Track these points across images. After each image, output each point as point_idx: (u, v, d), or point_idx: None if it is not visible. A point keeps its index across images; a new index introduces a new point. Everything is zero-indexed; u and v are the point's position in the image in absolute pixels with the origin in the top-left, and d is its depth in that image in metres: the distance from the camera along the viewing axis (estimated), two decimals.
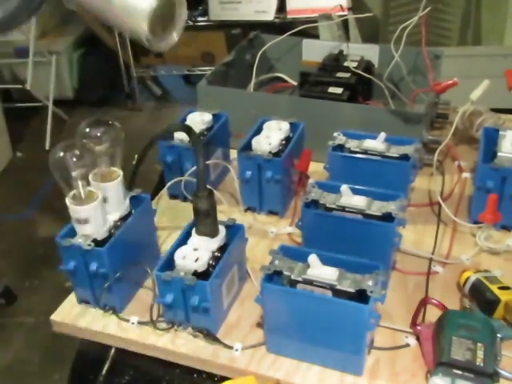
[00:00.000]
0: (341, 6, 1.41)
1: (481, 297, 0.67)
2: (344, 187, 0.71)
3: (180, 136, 0.86)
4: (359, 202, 0.70)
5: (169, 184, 0.88)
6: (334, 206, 0.70)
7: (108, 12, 0.48)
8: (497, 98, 0.99)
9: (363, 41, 1.97)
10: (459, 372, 0.56)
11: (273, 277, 0.61)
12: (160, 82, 2.85)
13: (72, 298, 0.72)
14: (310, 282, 0.60)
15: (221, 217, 0.69)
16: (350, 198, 0.70)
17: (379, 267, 0.60)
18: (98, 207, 0.64)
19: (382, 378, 0.61)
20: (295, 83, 1.18)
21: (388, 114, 0.91)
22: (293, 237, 0.82)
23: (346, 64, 1.08)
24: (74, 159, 0.61)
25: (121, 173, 0.68)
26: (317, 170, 0.89)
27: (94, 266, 0.66)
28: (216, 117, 0.92)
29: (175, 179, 0.87)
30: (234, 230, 0.70)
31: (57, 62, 2.53)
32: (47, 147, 2.39)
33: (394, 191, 0.71)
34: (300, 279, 0.60)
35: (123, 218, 0.69)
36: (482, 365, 0.56)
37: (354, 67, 1.07)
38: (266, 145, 0.83)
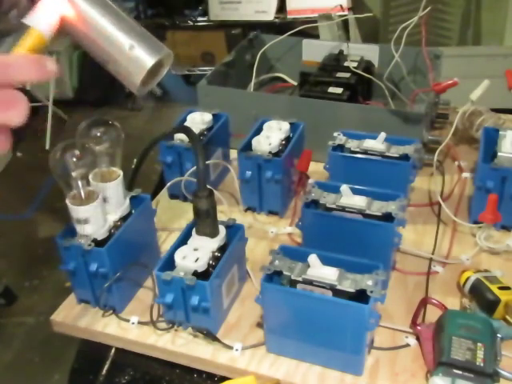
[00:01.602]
0: (341, 6, 1.40)
1: (481, 297, 0.67)
2: (344, 187, 0.71)
3: (180, 136, 0.86)
4: (359, 201, 0.70)
5: (169, 184, 0.88)
6: (334, 206, 0.70)
7: (101, 52, 0.49)
8: (497, 98, 0.99)
9: (363, 41, 1.96)
10: (459, 372, 0.56)
11: (273, 277, 0.61)
12: (160, 81, 2.84)
13: (72, 298, 0.72)
14: (309, 282, 0.60)
15: (221, 217, 0.69)
16: (350, 198, 0.70)
17: (379, 267, 0.60)
18: (98, 207, 0.64)
19: (382, 378, 0.61)
20: (295, 83, 1.18)
21: (388, 114, 0.91)
22: (293, 237, 0.82)
23: (346, 64, 1.09)
24: (74, 159, 0.61)
25: (121, 173, 0.68)
26: (317, 170, 0.89)
27: (93, 266, 0.66)
28: (216, 117, 0.92)
29: (175, 179, 0.87)
30: (234, 229, 0.70)
31: (57, 62, 2.53)
32: (47, 147, 2.39)
33: (393, 191, 0.71)
34: (300, 279, 0.60)
35: (123, 218, 0.69)
36: (482, 365, 0.56)
37: (354, 67, 1.07)
38: (266, 145, 0.83)
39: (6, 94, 0.41)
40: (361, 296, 0.57)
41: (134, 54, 0.48)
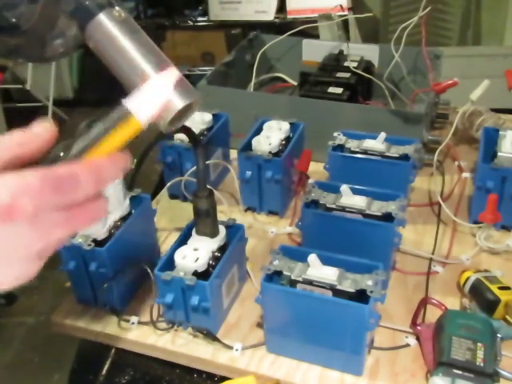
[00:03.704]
0: (341, 6, 1.40)
1: (481, 297, 0.67)
2: (344, 187, 0.71)
3: (180, 136, 0.86)
4: (359, 201, 0.70)
5: (169, 184, 0.88)
6: (333, 206, 0.70)
7: (134, 88, 0.51)
8: (497, 98, 0.99)
9: (363, 41, 1.96)
10: (459, 372, 0.56)
11: (273, 277, 0.61)
12: None
13: (72, 298, 0.72)
14: (309, 282, 0.60)
15: (221, 217, 0.69)
16: (350, 198, 0.70)
17: (379, 267, 0.60)
18: None
19: (382, 378, 0.61)
20: (295, 83, 1.18)
21: (388, 114, 0.91)
22: (293, 237, 0.82)
23: (346, 64, 1.09)
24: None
25: None
26: (317, 170, 0.89)
27: (93, 266, 0.66)
28: (216, 117, 0.92)
29: (175, 179, 0.87)
30: (234, 229, 0.70)
31: (57, 62, 2.53)
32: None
33: (394, 191, 0.71)
34: (300, 279, 0.60)
35: (123, 218, 0.69)
36: (482, 365, 0.56)
37: (354, 67, 1.08)
38: (266, 145, 0.83)
39: (96, 206, 0.38)
40: (361, 296, 0.57)
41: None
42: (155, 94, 0.39)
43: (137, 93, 0.38)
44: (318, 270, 0.60)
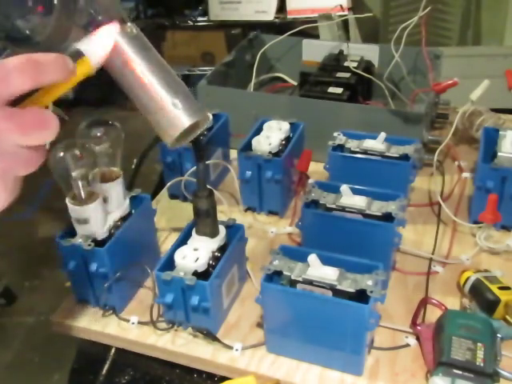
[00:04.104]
0: (341, 6, 1.40)
1: (481, 297, 0.67)
2: (344, 187, 0.71)
3: None
4: (359, 201, 0.70)
5: (169, 184, 0.88)
6: (333, 206, 0.70)
7: (146, 104, 0.51)
8: (497, 98, 0.99)
9: (363, 41, 1.96)
10: (459, 372, 0.56)
11: (273, 277, 0.61)
12: None
13: (72, 297, 0.72)
14: (309, 282, 0.60)
15: (221, 217, 0.69)
16: (350, 198, 0.70)
17: (379, 267, 0.60)
18: (98, 207, 0.64)
19: (382, 378, 0.61)
20: (295, 83, 1.18)
21: (388, 114, 0.91)
22: (293, 237, 0.82)
23: (346, 64, 1.09)
24: (74, 159, 0.61)
25: (121, 173, 0.68)
26: (317, 170, 0.89)
27: (94, 266, 0.66)
28: (216, 117, 0.92)
29: (175, 179, 0.87)
30: (234, 229, 0.70)
31: None
32: (47, 147, 2.39)
33: (394, 191, 0.71)
34: (300, 279, 0.60)
35: (123, 218, 0.69)
36: (482, 365, 0.56)
37: (354, 67, 1.08)
38: (266, 145, 0.83)
39: (40, 114, 0.41)
40: (361, 296, 0.57)
41: (176, 112, 0.51)
42: (104, 37, 0.45)
43: (89, 37, 0.45)
44: (318, 270, 0.60)
